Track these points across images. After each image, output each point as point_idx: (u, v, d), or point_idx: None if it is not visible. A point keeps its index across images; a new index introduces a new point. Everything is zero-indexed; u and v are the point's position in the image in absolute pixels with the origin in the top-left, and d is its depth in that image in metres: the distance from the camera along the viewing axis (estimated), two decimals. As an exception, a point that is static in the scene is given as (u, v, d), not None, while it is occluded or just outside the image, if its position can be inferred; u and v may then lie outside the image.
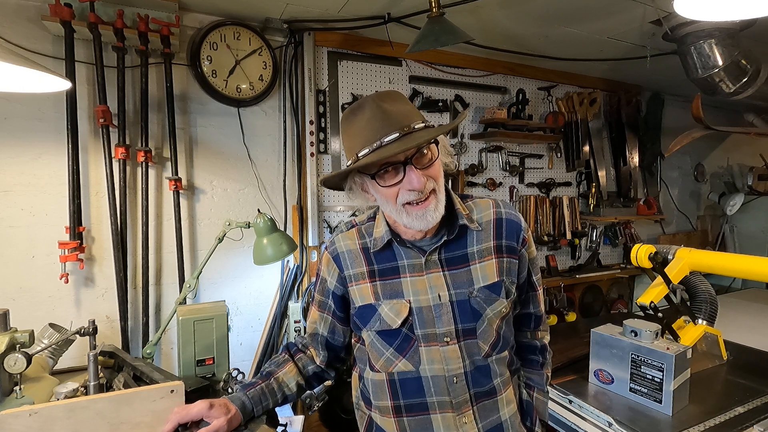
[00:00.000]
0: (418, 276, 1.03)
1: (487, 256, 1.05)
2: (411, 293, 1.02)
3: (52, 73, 1.31)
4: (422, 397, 1.02)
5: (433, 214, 0.96)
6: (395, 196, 0.95)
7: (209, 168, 2.32)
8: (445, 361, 1.00)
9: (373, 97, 0.97)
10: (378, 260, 1.06)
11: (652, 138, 3.71)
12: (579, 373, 1.55)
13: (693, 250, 1.60)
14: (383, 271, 1.06)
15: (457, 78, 2.91)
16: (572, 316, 3.10)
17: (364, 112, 0.95)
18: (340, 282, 1.09)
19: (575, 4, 2.13)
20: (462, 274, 1.03)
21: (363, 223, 1.12)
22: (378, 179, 0.95)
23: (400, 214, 0.97)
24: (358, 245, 1.09)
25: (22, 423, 0.94)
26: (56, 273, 1.94)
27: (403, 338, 1.03)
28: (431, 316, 1.01)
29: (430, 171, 0.96)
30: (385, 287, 1.04)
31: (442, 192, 0.99)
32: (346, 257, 1.08)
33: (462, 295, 1.02)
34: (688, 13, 1.44)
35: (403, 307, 1.02)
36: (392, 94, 0.99)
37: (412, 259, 1.04)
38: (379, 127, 0.92)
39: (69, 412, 0.98)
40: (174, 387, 1.08)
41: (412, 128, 0.92)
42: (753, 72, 2.40)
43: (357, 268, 1.07)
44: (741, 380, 1.53)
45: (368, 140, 0.92)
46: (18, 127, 1.92)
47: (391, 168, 0.93)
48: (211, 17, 2.24)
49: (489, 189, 3.06)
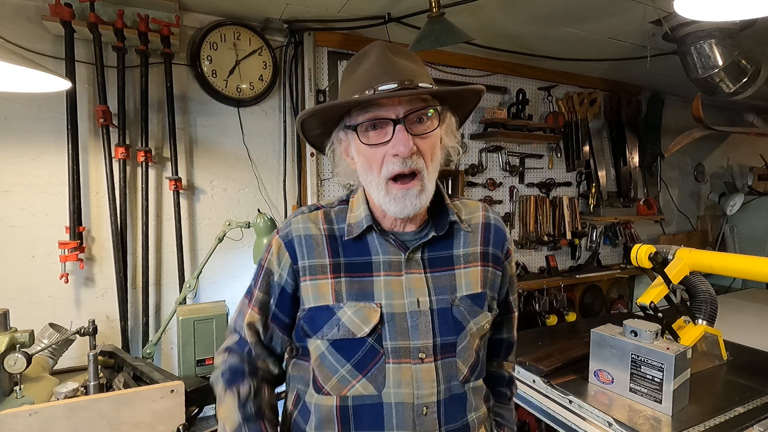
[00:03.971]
0: (395, 276, 0.85)
1: (472, 262, 0.91)
2: (384, 295, 0.84)
3: (52, 73, 1.31)
4: (380, 430, 0.80)
5: (415, 200, 0.81)
6: (380, 162, 0.80)
7: (209, 168, 2.32)
8: (417, 383, 0.81)
9: (381, 44, 0.83)
10: (347, 252, 0.87)
11: (652, 138, 3.71)
12: (579, 373, 1.55)
13: (693, 250, 1.60)
14: (351, 266, 0.86)
15: (457, 78, 2.91)
16: (572, 316, 3.10)
17: (368, 58, 0.82)
18: (291, 276, 0.87)
19: (575, 4, 2.13)
20: (444, 279, 0.88)
21: (332, 206, 0.92)
22: (361, 134, 0.80)
23: (379, 189, 0.82)
24: (323, 231, 0.88)
25: (22, 423, 0.94)
26: (56, 273, 1.94)
27: (367, 352, 0.82)
28: (405, 326, 0.83)
29: (423, 143, 0.80)
30: (351, 286, 0.84)
31: (432, 176, 0.83)
32: (303, 244, 0.87)
33: (444, 302, 0.86)
34: (688, 13, 1.44)
35: (373, 313, 0.82)
36: (406, 51, 0.85)
37: (390, 254, 0.86)
38: (377, 74, 0.78)
39: (69, 412, 0.98)
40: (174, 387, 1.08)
41: (416, 85, 0.78)
42: (753, 72, 2.40)
43: (316, 258, 0.86)
44: (741, 380, 1.53)
45: (362, 87, 0.78)
46: (18, 127, 1.92)
47: (379, 125, 0.79)
48: (211, 17, 2.24)
49: (489, 189, 3.06)
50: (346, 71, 0.86)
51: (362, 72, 0.81)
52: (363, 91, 0.77)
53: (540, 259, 3.34)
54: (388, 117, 0.78)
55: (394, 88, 0.77)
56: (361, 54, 0.84)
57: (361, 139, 0.80)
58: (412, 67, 0.81)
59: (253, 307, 0.90)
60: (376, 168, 0.81)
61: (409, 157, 0.78)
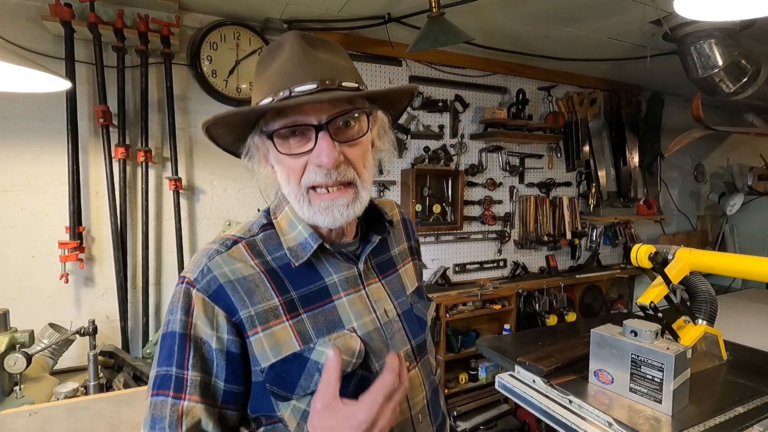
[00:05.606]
0: (355, 292, 0.76)
1: (406, 259, 0.90)
2: (352, 318, 0.74)
3: (52, 73, 1.31)
4: None
5: (345, 210, 0.71)
6: (300, 172, 0.70)
7: (209, 168, 2.32)
8: (410, 394, 0.77)
9: (297, 34, 0.71)
10: (295, 284, 0.73)
11: (652, 138, 3.71)
12: (579, 373, 1.55)
13: (693, 250, 1.60)
14: (307, 298, 0.73)
15: (457, 78, 2.91)
16: (572, 316, 3.10)
17: (282, 52, 0.70)
18: (232, 332, 0.68)
19: (575, 4, 2.13)
20: (395, 281, 0.84)
21: (253, 235, 0.76)
22: (278, 143, 0.69)
23: (301, 201, 0.72)
24: (256, 267, 0.72)
25: (22, 423, 0.94)
26: (56, 273, 1.94)
27: (358, 384, 0.71)
28: (383, 340, 0.76)
29: (352, 150, 0.70)
30: (316, 320, 0.72)
31: (367, 183, 0.74)
32: (239, 289, 0.69)
33: (404, 304, 0.83)
34: (688, 13, 1.44)
35: (352, 340, 0.72)
36: (327, 42, 0.74)
37: (342, 271, 0.76)
38: (293, 72, 0.67)
39: (69, 412, 0.98)
40: (174, 387, 1.08)
41: (338, 85, 0.67)
42: (753, 72, 2.40)
43: (262, 303, 0.70)
44: (741, 380, 1.53)
45: (276, 87, 0.67)
46: (18, 127, 1.92)
47: (299, 131, 0.69)
48: (211, 17, 2.24)
49: (489, 189, 3.06)
50: (259, 66, 0.74)
51: (276, 68, 0.69)
52: (277, 92, 0.66)
53: (540, 259, 3.34)
54: (308, 123, 0.67)
55: (313, 90, 0.66)
56: (274, 46, 0.72)
57: (279, 148, 0.69)
58: (334, 62, 0.71)
59: (188, 397, 0.65)
60: (294, 178, 0.71)
61: (335, 168, 0.68)
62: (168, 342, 0.68)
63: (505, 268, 3.20)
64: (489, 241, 3.13)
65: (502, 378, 1.66)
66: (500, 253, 3.17)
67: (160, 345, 0.69)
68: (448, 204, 2.91)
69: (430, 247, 2.91)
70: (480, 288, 2.87)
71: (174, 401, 0.65)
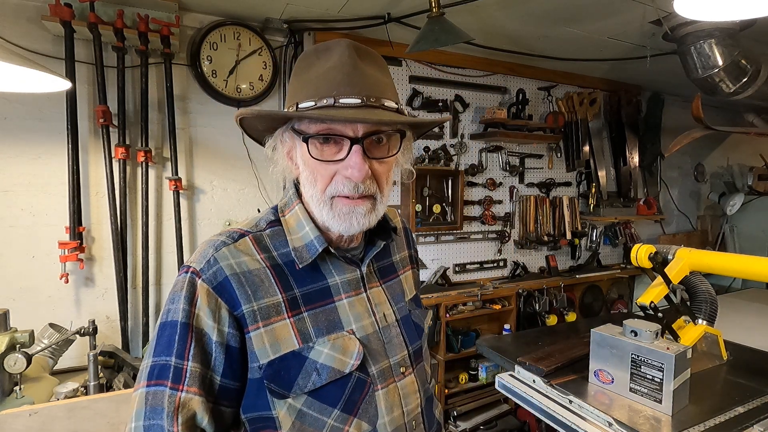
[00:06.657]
0: (356, 295, 0.78)
1: (406, 266, 0.92)
2: (352, 320, 0.76)
3: (52, 73, 1.31)
4: None
5: (362, 219, 0.72)
6: (328, 180, 0.71)
7: (209, 168, 2.32)
8: (405, 401, 0.77)
9: (349, 45, 0.72)
10: (299, 282, 0.74)
11: (652, 138, 3.71)
12: (579, 373, 1.55)
13: (693, 250, 1.60)
14: (309, 296, 0.74)
15: (457, 78, 2.91)
16: (572, 316, 3.10)
17: (330, 57, 0.71)
18: (233, 326, 0.68)
19: (575, 4, 2.13)
20: (395, 286, 0.86)
21: (260, 230, 0.77)
22: (311, 147, 0.70)
23: (321, 206, 0.73)
24: (262, 262, 0.73)
25: (22, 423, 0.94)
26: (56, 273, 1.94)
27: (354, 386, 0.72)
28: (381, 344, 0.77)
29: (381, 167, 0.73)
30: (317, 319, 0.73)
31: (385, 198, 0.76)
32: (244, 282, 0.69)
33: (403, 310, 0.84)
34: (688, 13, 1.43)
35: (350, 342, 0.73)
36: (376, 57, 0.76)
37: (345, 273, 0.78)
38: (339, 81, 0.68)
39: (69, 412, 0.98)
40: (174, 387, 1.08)
41: (381, 104, 0.69)
42: (753, 72, 2.40)
43: (265, 298, 0.70)
44: (741, 380, 1.53)
45: (319, 92, 0.68)
46: (18, 127, 1.92)
47: (333, 140, 0.70)
48: (211, 17, 2.24)
49: (489, 189, 3.06)
50: (302, 63, 0.74)
51: (323, 72, 0.70)
52: (320, 98, 0.67)
53: (540, 259, 3.34)
54: (345, 134, 0.69)
55: (357, 104, 0.67)
56: (322, 47, 0.73)
57: (311, 152, 0.70)
58: (379, 78, 0.72)
59: (186, 388, 0.64)
60: (321, 183, 0.72)
61: (362, 182, 0.70)
62: (168, 331, 0.66)
63: (505, 268, 3.20)
64: (489, 241, 3.13)
65: (502, 378, 1.66)
66: (500, 253, 3.17)
67: (157, 334, 0.68)
68: (448, 204, 2.91)
69: (430, 247, 2.91)
70: (480, 288, 2.87)
71: (171, 392, 0.64)
